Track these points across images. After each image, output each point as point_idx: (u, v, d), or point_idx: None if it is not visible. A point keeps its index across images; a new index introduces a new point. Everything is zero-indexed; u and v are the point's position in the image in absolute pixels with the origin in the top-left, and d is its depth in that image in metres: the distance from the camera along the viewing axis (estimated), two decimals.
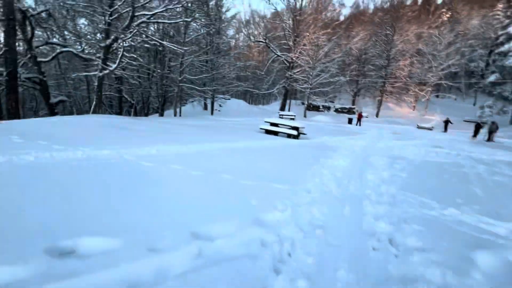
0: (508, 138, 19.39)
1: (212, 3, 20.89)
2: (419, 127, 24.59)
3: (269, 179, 3.76)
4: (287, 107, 31.39)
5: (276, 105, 36.98)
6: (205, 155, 5.15)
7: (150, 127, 8.84)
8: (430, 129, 23.84)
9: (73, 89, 27.97)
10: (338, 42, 28.94)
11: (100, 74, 12.36)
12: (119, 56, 11.19)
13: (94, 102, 12.83)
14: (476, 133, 16.59)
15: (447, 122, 22.65)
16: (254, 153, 5.98)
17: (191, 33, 18.71)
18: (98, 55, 13.27)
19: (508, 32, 27.47)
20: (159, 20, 12.93)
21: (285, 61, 28.62)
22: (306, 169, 4.76)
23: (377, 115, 36.16)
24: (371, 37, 36.46)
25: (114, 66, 11.51)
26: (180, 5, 11.98)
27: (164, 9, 11.29)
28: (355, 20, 42.33)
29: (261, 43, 30.01)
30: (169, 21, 13.08)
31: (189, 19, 14.26)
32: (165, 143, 5.72)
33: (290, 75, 27.29)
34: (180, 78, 17.97)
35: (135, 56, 14.29)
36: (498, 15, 42.00)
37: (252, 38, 33.55)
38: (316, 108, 37.92)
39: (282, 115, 21.92)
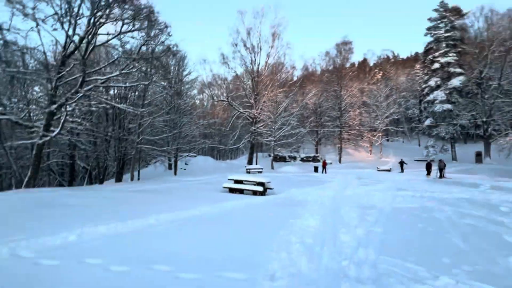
0: (455, 173, 21.10)
1: (172, 66, 21.86)
2: (379, 170, 25.89)
3: (220, 265, 2.88)
4: (254, 160, 31.41)
5: (244, 158, 36.92)
6: (144, 234, 4.11)
7: (90, 200, 7.47)
8: (388, 170, 25.22)
9: (15, 159, 24.81)
10: (294, 98, 31.62)
11: (40, 141, 10.98)
12: (61, 121, 10.19)
13: (28, 174, 11.02)
14: (429, 171, 17.75)
15: (402, 163, 24.27)
16: (209, 224, 5.07)
17: (148, 96, 18.71)
18: (39, 122, 12.06)
19: (429, 85, 32.97)
20: (115, 84, 12.68)
21: (248, 117, 29.80)
22: (271, 239, 3.98)
23: (340, 161, 37.88)
24: (323, 93, 40.88)
25: (55, 132, 10.36)
26: (136, 69, 12.01)
27: (118, 73, 11.14)
28: (306, 80, 47.81)
29: (224, 102, 31.39)
30: (124, 85, 12.90)
31: (146, 82, 14.28)
32: (95, 221, 4.56)
33: (254, 129, 28.14)
34: (138, 140, 17.04)
35: (79, 120, 13.31)
36: (418, 73, 51.43)
37: (215, 98, 35.12)
38: (283, 159, 38.62)
39: (250, 169, 21.50)
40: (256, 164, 29.27)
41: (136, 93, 19.42)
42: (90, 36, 9.65)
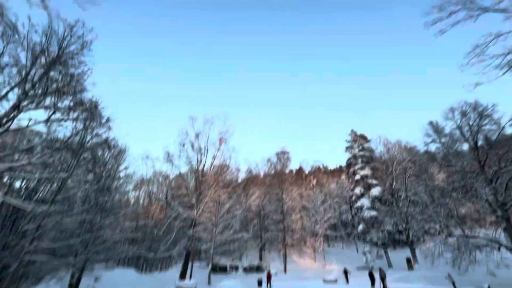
0: (394, 281, 21.02)
1: (108, 159, 20.14)
2: (325, 281, 24.21)
3: None
4: (189, 271, 26.28)
5: (177, 270, 30.67)
6: None
7: None
8: (334, 281, 23.78)
9: None
10: (238, 200, 31.26)
11: None
12: None
13: None
14: (372, 281, 17.25)
15: (346, 273, 23.49)
16: None
17: (68, 190, 15.81)
18: None
19: (355, 193, 37.59)
20: (17, 174, 10.37)
21: (187, 219, 27.11)
22: None
23: (285, 270, 34.81)
24: (266, 195, 42.12)
25: None
26: (55, 159, 10.42)
27: (26, 162, 9.28)
28: (250, 182, 49.73)
29: (161, 201, 28.75)
30: (32, 176, 10.70)
31: (64, 175, 12.25)
32: None
33: (192, 233, 25.11)
34: (28, 248, 12.80)
35: None
36: (344, 182, 59.59)
37: (153, 196, 32.23)
38: (223, 270, 33.60)
39: (180, 287, 17.43)
40: (191, 277, 24.31)
41: (54, 186, 16.31)
42: (5, 120, 8.43)
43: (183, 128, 31.19)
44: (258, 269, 34.15)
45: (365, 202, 35.13)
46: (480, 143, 22.39)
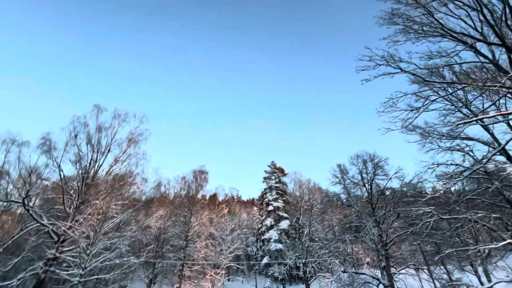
0: None
1: None
2: None
3: None
4: None
5: None
6: None
7: None
8: None
9: None
10: (135, 217, 25.40)
11: None
12: None
13: None
14: None
15: None
16: None
17: None
18: None
19: (266, 224, 37.44)
20: None
21: (52, 233, 19.60)
22: None
23: None
24: (171, 216, 36.83)
25: None
26: None
27: None
28: (157, 200, 43.24)
29: (16, 204, 20.25)
30: None
31: None
32: None
33: (55, 254, 17.99)
34: None
35: None
36: (255, 214, 60.00)
37: (1, 196, 22.52)
38: None
39: None
40: None
41: None
42: None
43: (81, 115, 24.56)
44: None
45: (273, 234, 35.12)
46: (373, 190, 26.22)
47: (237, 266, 46.89)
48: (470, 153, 14.70)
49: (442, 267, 24.53)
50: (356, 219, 26.39)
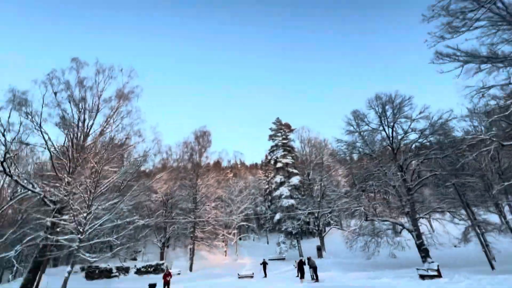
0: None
1: None
2: (240, 277, 20.37)
3: None
4: (46, 280, 17.10)
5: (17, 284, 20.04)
6: None
7: None
8: (251, 276, 20.25)
9: None
10: (137, 179, 23.24)
11: None
12: None
13: None
14: (302, 273, 14.33)
15: (264, 265, 20.35)
16: None
17: None
18: None
19: (276, 181, 36.06)
20: None
21: (47, 201, 17.65)
22: None
23: (191, 269, 29.26)
24: (176, 181, 35.30)
25: None
26: None
27: None
28: (159, 164, 41.43)
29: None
30: None
31: None
32: None
33: (54, 222, 16.24)
34: None
35: None
36: (261, 177, 59.19)
37: None
38: (105, 274, 24.97)
39: None
40: None
41: None
42: None
43: (59, 70, 21.07)
44: (157, 269, 27.27)
45: (284, 190, 33.84)
46: (395, 134, 23.82)
47: (248, 225, 47.15)
48: None
49: (468, 210, 23.27)
50: (374, 168, 24.47)
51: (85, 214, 13.81)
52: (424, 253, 19.66)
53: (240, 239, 48.43)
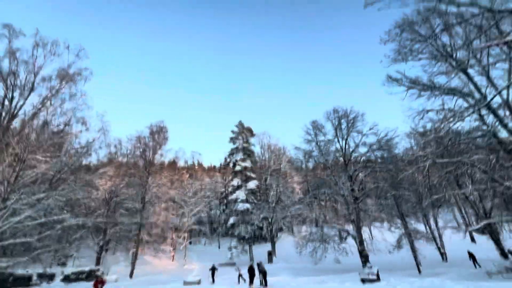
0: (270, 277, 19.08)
1: None
2: (186, 283, 19.12)
3: None
4: None
5: None
6: None
7: None
8: (198, 283, 19.17)
9: None
10: (75, 172, 20.34)
11: None
12: None
13: None
14: (251, 279, 14.01)
15: (213, 271, 19.54)
16: None
17: None
18: None
19: (233, 184, 35.51)
20: None
21: None
22: None
23: (131, 275, 26.60)
24: (124, 178, 32.14)
25: None
26: None
27: None
28: (107, 159, 37.30)
29: None
30: None
31: None
32: None
33: None
34: None
35: None
36: (218, 180, 58.05)
37: None
38: (22, 282, 21.04)
39: None
40: None
41: None
42: None
43: None
44: (91, 276, 24.06)
45: (240, 194, 33.50)
46: (348, 146, 25.54)
47: (200, 228, 45.40)
48: (467, 96, 13.79)
49: (402, 219, 25.99)
50: (327, 177, 25.83)
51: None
52: (364, 258, 21.19)
53: (190, 243, 46.31)
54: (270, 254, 30.89)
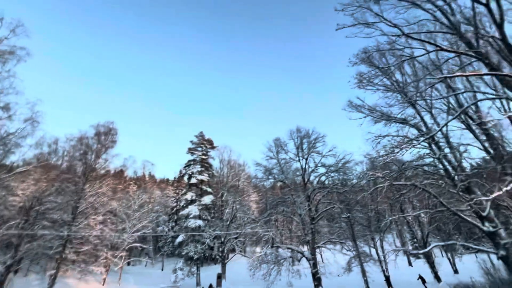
0: None
1: None
2: None
3: None
4: None
5: None
6: None
7: None
8: None
9: None
10: None
11: None
12: None
13: None
14: None
15: None
16: None
17: None
18: None
19: (186, 198, 32.77)
20: None
21: None
22: None
23: None
24: (54, 183, 27.00)
25: None
26: None
27: None
28: (36, 159, 31.16)
29: None
30: None
31: None
32: None
33: None
34: None
35: None
36: (169, 194, 53.76)
37: None
38: None
39: None
40: None
41: None
42: None
43: None
44: None
45: (193, 209, 30.95)
46: (308, 166, 25.85)
47: (142, 247, 40.30)
48: (420, 124, 15.00)
49: (354, 241, 26.66)
50: (285, 195, 25.52)
51: None
52: (317, 281, 20.66)
53: (128, 264, 40.66)
54: (220, 277, 28.42)
